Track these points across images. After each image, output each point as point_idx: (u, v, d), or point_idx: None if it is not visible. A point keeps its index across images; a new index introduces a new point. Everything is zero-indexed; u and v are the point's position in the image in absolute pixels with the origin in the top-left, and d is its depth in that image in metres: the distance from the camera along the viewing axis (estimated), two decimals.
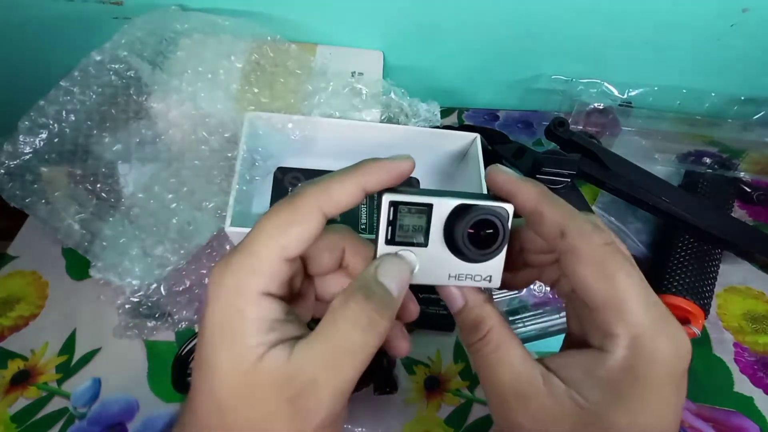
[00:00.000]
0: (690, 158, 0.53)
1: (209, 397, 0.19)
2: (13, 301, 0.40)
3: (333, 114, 0.41)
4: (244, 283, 0.19)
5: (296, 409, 0.19)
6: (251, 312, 0.19)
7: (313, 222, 0.20)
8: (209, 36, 0.41)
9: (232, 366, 0.19)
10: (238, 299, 0.19)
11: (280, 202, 0.20)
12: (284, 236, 0.19)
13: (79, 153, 0.38)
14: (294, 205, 0.20)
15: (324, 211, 0.20)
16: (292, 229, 0.20)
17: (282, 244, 0.19)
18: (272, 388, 0.19)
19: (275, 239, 0.19)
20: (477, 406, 0.38)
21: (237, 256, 0.20)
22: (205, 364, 0.19)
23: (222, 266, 0.20)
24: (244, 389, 0.19)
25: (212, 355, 0.19)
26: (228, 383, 0.19)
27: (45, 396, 0.36)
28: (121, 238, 0.36)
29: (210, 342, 0.19)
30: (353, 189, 0.21)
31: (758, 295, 0.45)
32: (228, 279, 0.19)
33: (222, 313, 0.19)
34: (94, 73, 0.38)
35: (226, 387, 0.19)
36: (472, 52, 0.52)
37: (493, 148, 0.47)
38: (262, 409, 0.19)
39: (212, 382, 0.19)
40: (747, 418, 0.38)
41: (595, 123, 0.53)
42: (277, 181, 0.43)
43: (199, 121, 0.38)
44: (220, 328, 0.19)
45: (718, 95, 0.54)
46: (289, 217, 0.20)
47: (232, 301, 0.19)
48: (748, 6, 0.46)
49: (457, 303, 0.23)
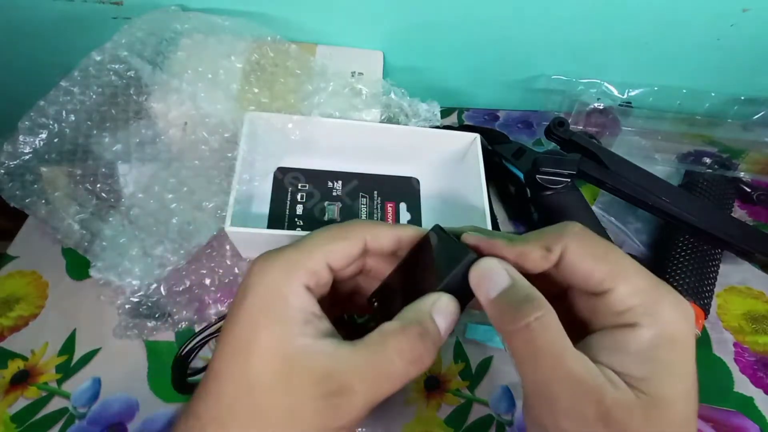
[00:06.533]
0: (690, 158, 0.53)
1: (241, 377, 0.19)
2: (13, 301, 0.40)
3: (333, 114, 0.41)
4: (292, 273, 0.21)
5: (328, 406, 0.19)
6: (294, 301, 0.20)
7: (358, 244, 0.23)
8: (209, 36, 0.41)
9: (275, 347, 0.19)
10: (284, 287, 0.20)
11: (334, 225, 0.24)
12: (331, 247, 0.22)
13: (79, 153, 0.38)
14: (346, 227, 0.23)
15: (368, 241, 0.23)
16: (340, 243, 0.23)
17: (329, 253, 0.22)
18: (311, 379, 0.19)
19: (324, 247, 0.22)
20: (477, 406, 0.38)
21: (288, 250, 0.22)
22: (241, 345, 0.20)
23: (270, 256, 0.21)
24: (282, 372, 0.19)
25: (252, 334, 0.20)
26: (268, 364, 0.19)
27: (45, 396, 0.36)
28: (121, 238, 0.36)
29: (250, 321, 0.20)
30: (392, 236, 0.24)
31: (758, 295, 0.45)
32: (276, 267, 0.21)
33: (266, 297, 0.20)
34: (94, 73, 0.38)
35: (265, 368, 0.19)
36: (472, 52, 0.52)
37: (493, 148, 0.47)
38: (296, 397, 0.19)
39: (249, 362, 0.19)
40: (747, 418, 0.38)
41: (595, 123, 0.53)
42: (277, 181, 0.43)
43: (199, 121, 0.38)
44: (263, 310, 0.20)
45: (718, 95, 0.54)
46: (339, 234, 0.23)
47: (279, 287, 0.20)
48: (748, 6, 0.46)
49: (502, 280, 0.20)
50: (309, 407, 0.19)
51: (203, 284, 0.39)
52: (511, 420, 0.37)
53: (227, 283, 0.39)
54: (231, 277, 0.39)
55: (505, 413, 0.37)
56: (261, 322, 0.20)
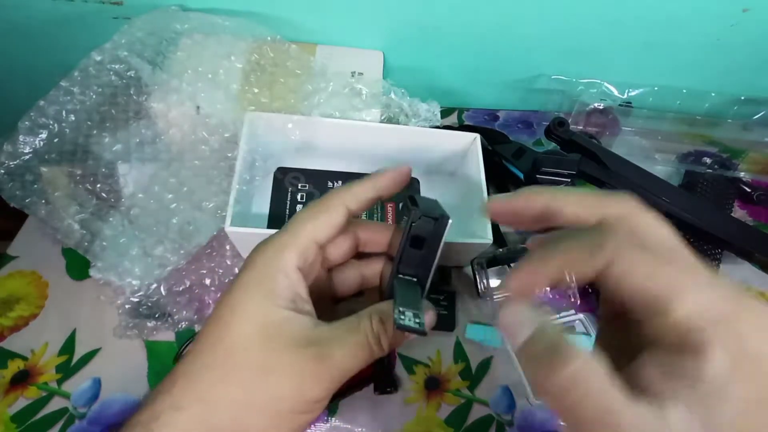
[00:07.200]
0: (690, 158, 0.53)
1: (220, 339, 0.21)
2: (13, 301, 0.40)
3: (333, 114, 0.41)
4: (283, 254, 0.23)
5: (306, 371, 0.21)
6: (282, 280, 0.22)
7: (338, 212, 0.24)
8: (209, 36, 0.41)
9: (257, 314, 0.22)
10: (275, 265, 0.23)
11: (314, 200, 0.25)
12: (315, 222, 0.24)
13: (79, 153, 0.38)
14: (324, 201, 0.25)
15: (347, 204, 0.25)
16: (322, 216, 0.24)
17: (314, 228, 0.24)
18: (292, 342, 0.21)
19: (308, 223, 0.24)
20: (477, 406, 0.38)
21: (278, 235, 0.24)
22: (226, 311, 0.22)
23: (266, 241, 0.24)
24: (262, 334, 0.21)
25: (239, 304, 0.22)
26: (248, 327, 0.21)
27: (45, 396, 0.36)
28: (121, 238, 0.36)
29: (240, 293, 0.22)
30: (369, 187, 0.26)
31: (758, 295, 0.45)
32: (269, 250, 0.23)
33: (259, 273, 0.23)
34: (94, 73, 0.38)
35: (245, 330, 0.21)
36: (473, 52, 0.52)
37: (493, 148, 0.47)
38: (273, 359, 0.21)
39: (230, 326, 0.21)
40: None
41: (595, 123, 0.53)
42: (277, 181, 0.43)
43: (199, 121, 0.38)
44: (256, 282, 0.22)
45: (718, 95, 0.54)
46: (319, 209, 0.25)
47: (270, 266, 0.23)
48: (748, 6, 0.46)
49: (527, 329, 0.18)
50: (286, 370, 0.21)
51: (203, 284, 0.39)
52: (511, 420, 0.37)
53: (227, 283, 0.39)
54: (231, 277, 0.39)
55: (505, 413, 0.37)
56: (249, 292, 0.22)
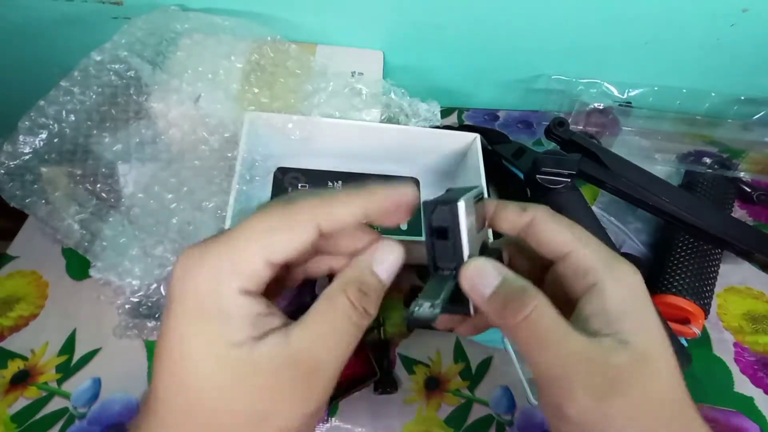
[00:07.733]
0: (690, 158, 0.53)
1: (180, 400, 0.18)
2: (13, 301, 0.40)
3: (333, 114, 0.41)
4: (222, 280, 0.18)
5: (305, 387, 0.18)
6: (234, 311, 0.18)
7: (306, 233, 0.19)
8: (209, 36, 0.41)
9: (215, 363, 0.17)
10: (218, 298, 0.18)
11: (275, 204, 0.19)
12: (271, 240, 0.18)
13: (79, 153, 0.38)
14: (289, 211, 0.19)
15: (321, 225, 0.19)
16: (282, 235, 0.18)
17: (267, 248, 0.18)
18: (274, 373, 0.18)
19: (261, 240, 0.18)
20: (477, 406, 0.38)
21: (216, 248, 0.18)
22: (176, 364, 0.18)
23: (194, 255, 0.18)
24: (231, 383, 0.17)
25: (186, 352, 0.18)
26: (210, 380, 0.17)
27: (45, 396, 0.36)
28: (121, 238, 0.36)
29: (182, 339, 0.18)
30: (355, 207, 0.20)
31: (758, 295, 0.45)
32: (204, 273, 0.18)
33: (194, 309, 0.18)
34: (94, 73, 0.38)
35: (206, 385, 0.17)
36: (472, 52, 0.52)
37: (493, 148, 0.47)
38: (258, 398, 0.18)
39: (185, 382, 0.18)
40: (747, 418, 0.38)
41: (595, 123, 0.53)
42: (277, 181, 0.43)
43: (199, 120, 0.38)
44: (196, 324, 0.18)
45: (718, 95, 0.54)
46: (280, 222, 0.19)
47: (211, 298, 0.18)
48: (748, 6, 0.46)
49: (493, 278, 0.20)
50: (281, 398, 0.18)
51: None
52: (511, 420, 0.37)
53: None
54: None
55: (505, 413, 0.37)
56: (193, 340, 0.18)
